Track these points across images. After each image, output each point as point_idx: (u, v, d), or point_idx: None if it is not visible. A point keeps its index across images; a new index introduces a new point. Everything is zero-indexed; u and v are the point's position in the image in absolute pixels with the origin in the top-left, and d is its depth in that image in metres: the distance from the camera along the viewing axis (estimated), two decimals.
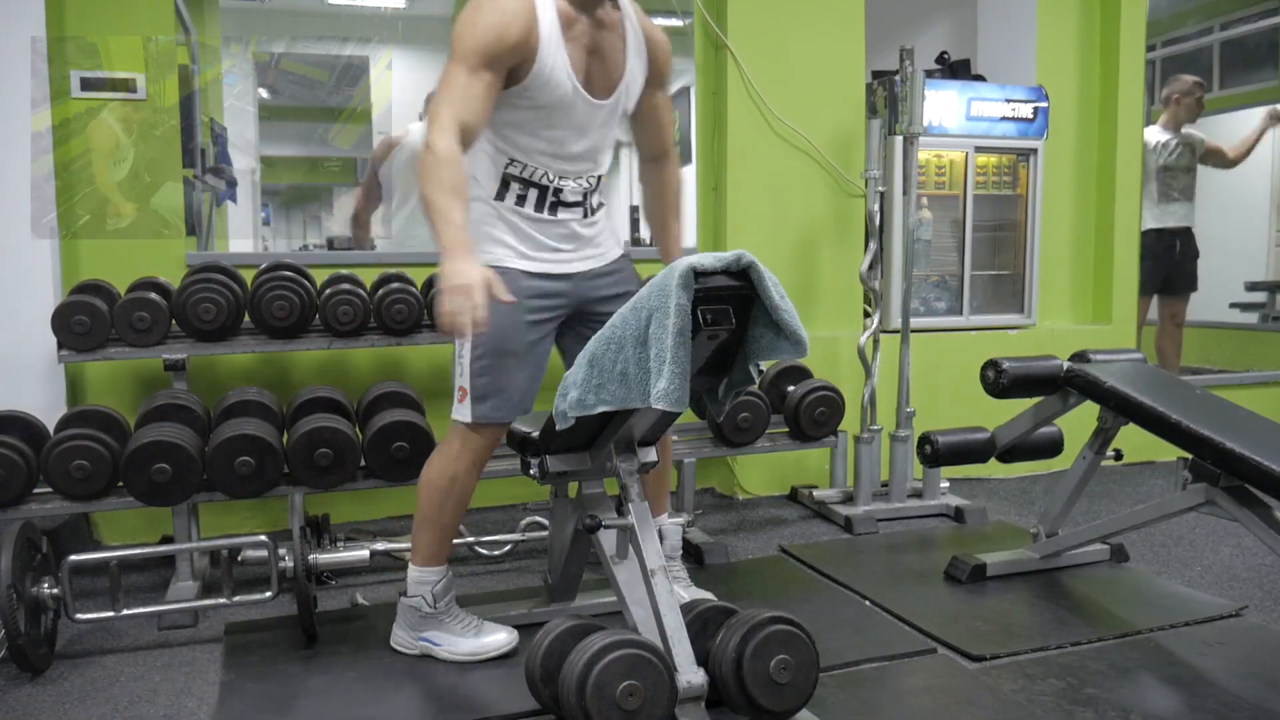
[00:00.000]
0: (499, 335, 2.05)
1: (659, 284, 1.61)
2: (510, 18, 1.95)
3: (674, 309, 1.56)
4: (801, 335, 1.68)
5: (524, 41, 1.97)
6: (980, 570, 2.69)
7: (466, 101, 1.92)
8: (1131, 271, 4.20)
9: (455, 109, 1.91)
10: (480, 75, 1.94)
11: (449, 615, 2.21)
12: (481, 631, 2.21)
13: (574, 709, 1.64)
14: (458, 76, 1.93)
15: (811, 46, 3.62)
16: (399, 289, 2.91)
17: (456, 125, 1.90)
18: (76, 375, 3.01)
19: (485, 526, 3.12)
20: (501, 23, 1.94)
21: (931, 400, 3.70)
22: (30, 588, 2.15)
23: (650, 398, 1.60)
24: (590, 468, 2.05)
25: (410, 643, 2.22)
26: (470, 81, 1.93)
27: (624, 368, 1.69)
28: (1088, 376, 2.49)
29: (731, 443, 2.97)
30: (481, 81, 1.94)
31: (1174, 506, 2.45)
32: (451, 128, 1.89)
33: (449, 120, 1.90)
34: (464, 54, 1.94)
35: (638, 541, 1.85)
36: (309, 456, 2.49)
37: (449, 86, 1.94)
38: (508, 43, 1.95)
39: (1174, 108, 4.54)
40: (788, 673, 1.75)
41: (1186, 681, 2.09)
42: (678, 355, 1.56)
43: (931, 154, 3.92)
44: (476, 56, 1.93)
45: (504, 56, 1.96)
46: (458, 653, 2.18)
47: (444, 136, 1.88)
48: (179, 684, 2.11)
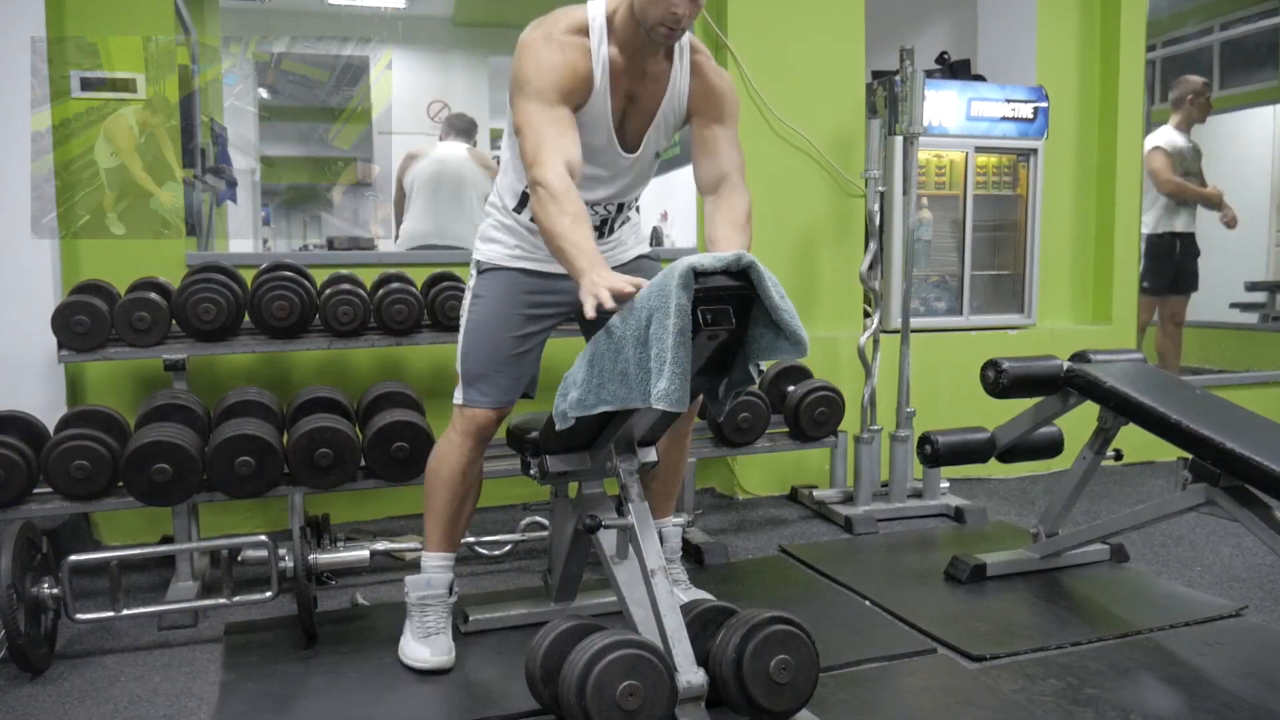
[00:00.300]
0: (492, 324, 2.11)
1: (659, 284, 1.61)
2: (576, 54, 1.96)
3: (674, 309, 1.56)
4: (802, 335, 1.67)
5: (588, 79, 1.98)
6: (980, 570, 2.69)
7: (559, 136, 1.90)
8: (1131, 271, 4.20)
9: (551, 144, 1.89)
10: (559, 109, 1.93)
11: (419, 610, 2.20)
12: (428, 638, 2.18)
13: (574, 709, 1.64)
14: (538, 115, 1.91)
15: (811, 46, 3.62)
16: (399, 289, 2.91)
17: (559, 158, 1.87)
18: (76, 375, 3.01)
19: (485, 526, 3.12)
20: (570, 60, 1.95)
21: (931, 400, 3.70)
22: (30, 588, 2.15)
23: (650, 398, 1.60)
24: (590, 468, 2.05)
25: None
26: (554, 116, 1.92)
27: (624, 368, 1.69)
28: (1088, 376, 2.49)
29: (731, 443, 2.97)
30: (563, 113, 1.93)
31: (1174, 506, 2.45)
32: (554, 160, 1.86)
33: (550, 154, 1.87)
34: (538, 91, 1.92)
35: (638, 541, 1.85)
36: (309, 456, 2.49)
37: (534, 127, 1.91)
38: (579, 77, 1.96)
39: (1187, 108, 4.53)
40: (788, 673, 1.75)
41: (1187, 682, 2.09)
42: (678, 356, 1.56)
43: (931, 154, 3.92)
44: (553, 92, 1.92)
45: (575, 93, 1.97)
46: (403, 649, 2.20)
47: (550, 169, 1.85)
48: (179, 684, 2.11)
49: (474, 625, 2.34)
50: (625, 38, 2.00)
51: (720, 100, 2.15)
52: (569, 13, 2.03)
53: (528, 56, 1.96)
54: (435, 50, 5.92)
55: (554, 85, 1.93)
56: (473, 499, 2.23)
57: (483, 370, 2.13)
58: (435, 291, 2.97)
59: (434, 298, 2.96)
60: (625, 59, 2.02)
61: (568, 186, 1.85)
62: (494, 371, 2.13)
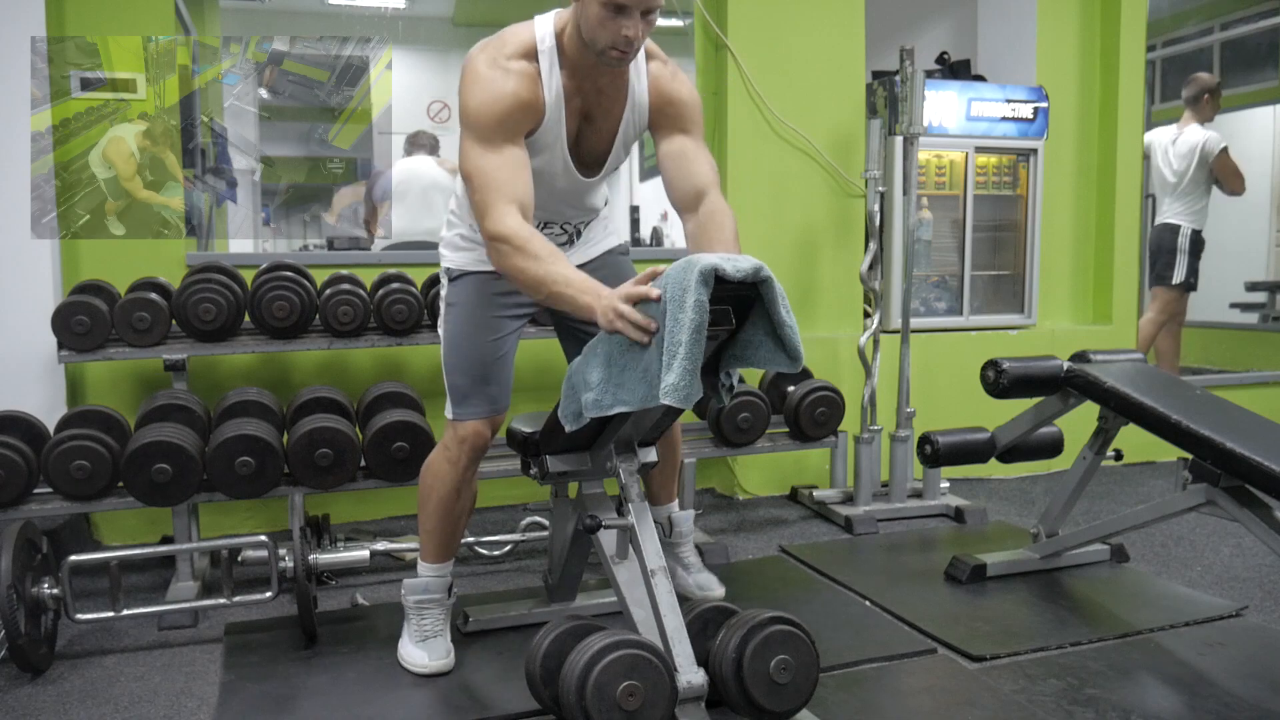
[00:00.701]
0: (468, 341, 2.10)
1: (676, 280, 1.60)
2: (524, 84, 1.90)
3: (692, 305, 1.55)
4: (801, 352, 1.67)
5: (538, 108, 1.93)
6: (980, 570, 2.69)
7: (508, 180, 1.86)
8: (1131, 271, 4.20)
9: (500, 192, 1.84)
10: (505, 151, 1.88)
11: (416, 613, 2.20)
12: (425, 641, 2.18)
13: (574, 709, 1.64)
14: (484, 160, 1.87)
15: (812, 46, 3.62)
16: (399, 289, 2.91)
17: (510, 206, 1.83)
18: (76, 375, 3.01)
19: (485, 526, 3.13)
20: (516, 91, 1.89)
21: (931, 400, 3.70)
22: (30, 588, 2.15)
23: (660, 392, 1.60)
24: (590, 468, 2.05)
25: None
26: (500, 160, 1.87)
27: (647, 364, 1.68)
28: (1088, 377, 2.49)
29: (731, 443, 2.97)
30: (509, 154, 1.88)
31: (1174, 507, 2.45)
32: (506, 210, 1.83)
33: (501, 205, 1.83)
34: (482, 132, 1.87)
35: (638, 541, 1.85)
36: (309, 456, 2.49)
37: (481, 174, 1.86)
38: (527, 108, 1.90)
39: (1204, 106, 4.52)
40: (788, 673, 1.74)
41: (1187, 682, 2.09)
42: (691, 351, 1.56)
43: (932, 154, 3.92)
44: (498, 131, 1.87)
45: (523, 124, 1.91)
46: (401, 652, 2.20)
47: (502, 221, 1.81)
48: (179, 684, 2.11)
49: (474, 625, 2.34)
50: (575, 59, 1.95)
51: (683, 108, 2.07)
52: (516, 33, 1.96)
53: (473, 87, 1.90)
54: (435, 50, 5.91)
55: (499, 123, 1.87)
56: (467, 514, 2.22)
57: (468, 383, 2.11)
58: (435, 291, 2.97)
59: (434, 298, 2.96)
60: (577, 81, 1.97)
61: (527, 232, 1.81)
62: (479, 382, 2.11)
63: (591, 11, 1.83)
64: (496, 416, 2.14)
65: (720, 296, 1.60)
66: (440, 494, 2.14)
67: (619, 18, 1.82)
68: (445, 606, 2.22)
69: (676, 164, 2.06)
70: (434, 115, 5.74)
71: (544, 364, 3.34)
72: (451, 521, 2.18)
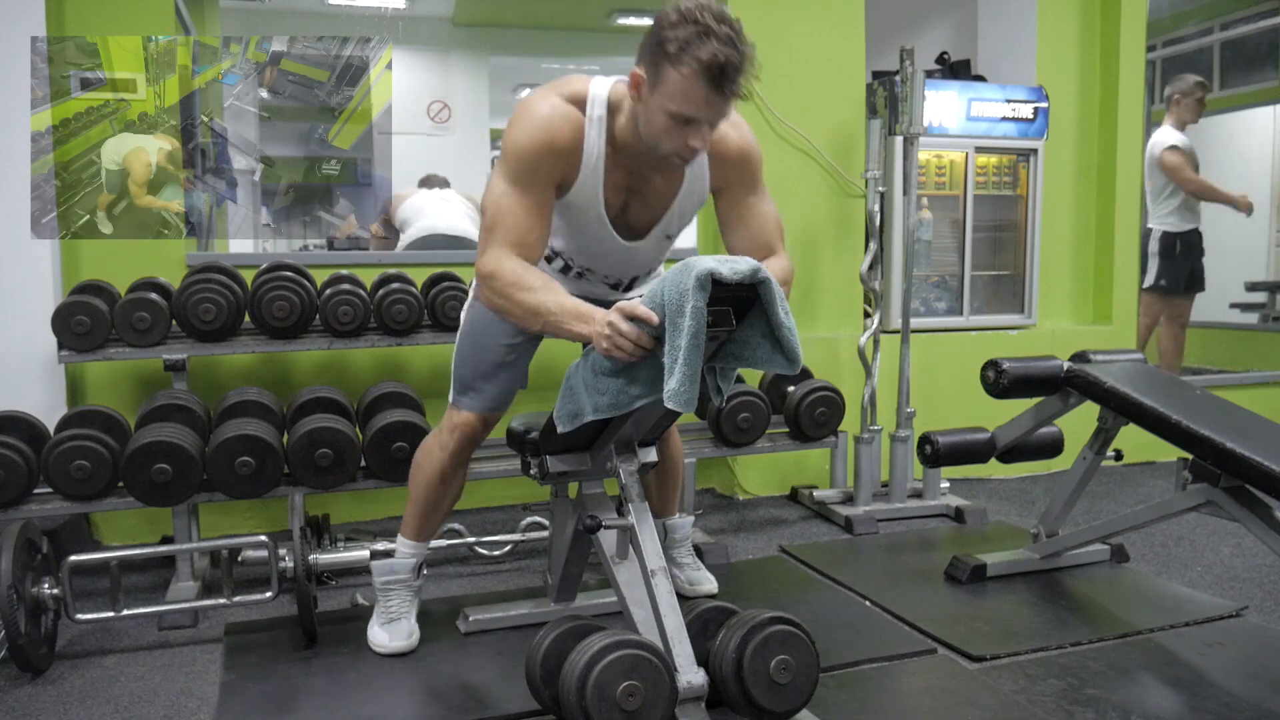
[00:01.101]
0: (479, 337, 2.11)
1: (674, 283, 1.60)
2: (554, 134, 1.84)
3: (690, 311, 1.55)
4: (799, 354, 1.67)
5: (568, 160, 1.87)
6: (980, 570, 2.69)
7: (514, 226, 1.83)
8: (1131, 271, 4.20)
9: (504, 234, 1.82)
10: (530, 195, 1.84)
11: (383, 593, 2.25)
12: (390, 624, 2.24)
13: (574, 709, 1.64)
14: (505, 199, 1.83)
15: (812, 46, 3.62)
16: (399, 289, 2.91)
17: (509, 249, 1.81)
18: (77, 375, 3.01)
19: (485, 526, 3.12)
20: (545, 139, 1.83)
21: (932, 400, 3.70)
22: (30, 588, 2.15)
23: (663, 397, 1.60)
24: (590, 468, 2.05)
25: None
26: (521, 202, 1.83)
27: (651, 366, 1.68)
28: (1088, 377, 2.49)
29: (731, 443, 2.97)
30: (533, 200, 1.84)
31: (1174, 507, 2.45)
32: (499, 252, 1.81)
33: (499, 245, 1.81)
34: (512, 166, 1.84)
35: (638, 542, 1.85)
36: (309, 457, 2.49)
37: (496, 208, 1.83)
38: (561, 156, 1.85)
39: (1176, 107, 4.53)
40: (788, 673, 1.74)
41: (1187, 682, 2.09)
42: (690, 357, 1.56)
43: (932, 154, 3.92)
44: (528, 176, 1.83)
45: (552, 172, 1.86)
46: (368, 634, 2.25)
47: (498, 260, 1.80)
48: (179, 684, 2.11)
49: (474, 625, 2.34)
50: (626, 144, 1.88)
51: (746, 165, 2.00)
52: (573, 82, 1.91)
53: (521, 120, 1.86)
54: (435, 50, 5.92)
55: (530, 164, 1.83)
56: (451, 499, 2.25)
57: (470, 376, 2.13)
58: (435, 292, 2.98)
59: (434, 298, 2.96)
60: (624, 162, 1.91)
61: (520, 269, 1.80)
62: (483, 378, 2.12)
63: (657, 120, 1.76)
64: (492, 414, 2.15)
65: (719, 298, 1.60)
66: (426, 472, 2.18)
67: (687, 128, 1.76)
68: (412, 589, 2.27)
69: (744, 221, 2.02)
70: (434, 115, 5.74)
71: (544, 364, 3.31)
72: (432, 503, 2.21)
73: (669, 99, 1.72)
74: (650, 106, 1.76)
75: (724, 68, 1.67)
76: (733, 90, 1.71)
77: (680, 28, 1.68)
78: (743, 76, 1.71)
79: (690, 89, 1.70)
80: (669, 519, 2.56)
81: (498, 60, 6.40)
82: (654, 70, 1.73)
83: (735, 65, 1.68)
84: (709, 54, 1.66)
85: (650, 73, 1.74)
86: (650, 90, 1.75)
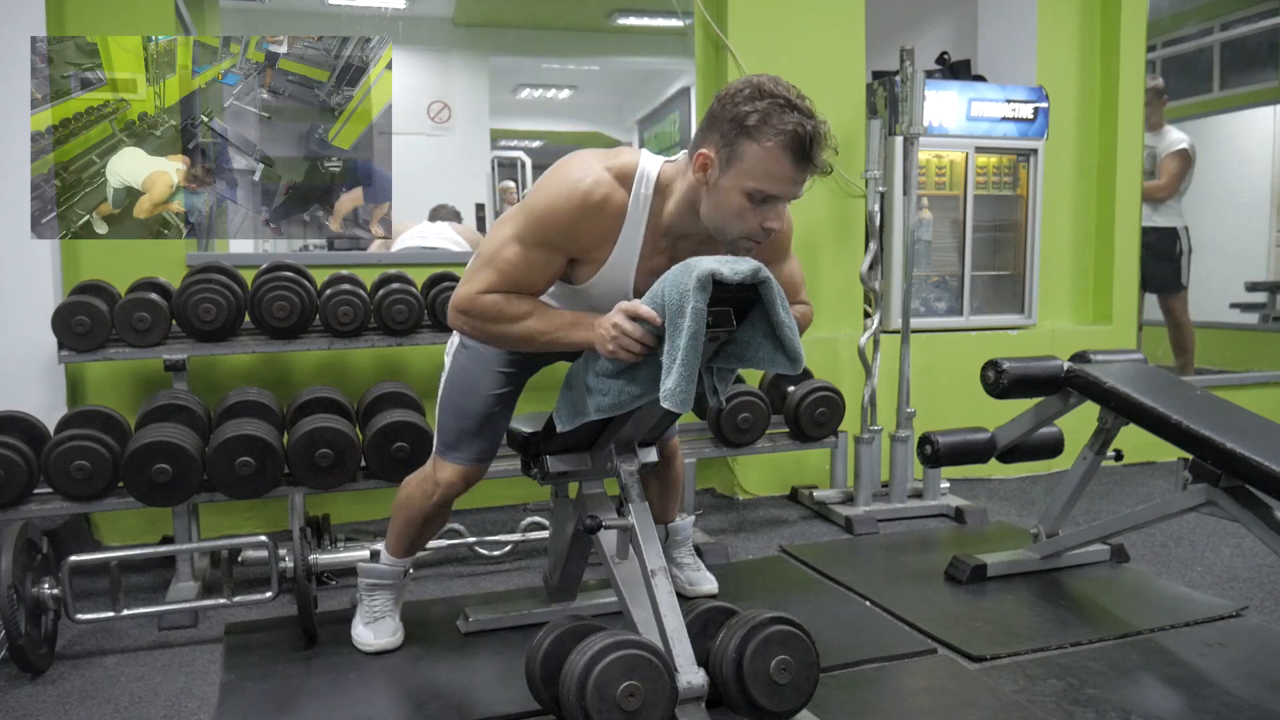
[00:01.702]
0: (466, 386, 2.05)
1: (674, 282, 1.60)
2: (589, 209, 1.71)
3: (690, 312, 1.55)
4: (800, 354, 1.67)
5: (596, 239, 1.75)
6: (980, 571, 2.68)
7: (512, 274, 1.75)
8: (1132, 271, 4.20)
9: (497, 277, 1.75)
10: (536, 251, 1.74)
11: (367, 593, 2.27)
12: (374, 623, 2.25)
13: (574, 709, 1.64)
14: (508, 247, 1.74)
15: (812, 47, 3.62)
16: (399, 289, 2.91)
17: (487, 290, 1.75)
18: (77, 376, 3.01)
19: (485, 526, 3.12)
20: (578, 213, 1.71)
21: (932, 400, 3.70)
22: (31, 588, 2.15)
23: (660, 397, 1.60)
24: (590, 468, 2.05)
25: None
26: (524, 256, 1.74)
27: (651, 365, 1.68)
28: (1088, 377, 2.49)
29: (731, 443, 2.97)
30: (536, 257, 1.75)
31: (1174, 507, 2.45)
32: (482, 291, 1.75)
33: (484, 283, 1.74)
34: (527, 228, 1.73)
35: (638, 542, 1.85)
36: (309, 457, 2.49)
37: (495, 255, 1.75)
38: (577, 233, 1.73)
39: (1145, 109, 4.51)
40: (788, 673, 1.74)
41: (1187, 682, 2.09)
42: (689, 358, 1.56)
43: (932, 154, 3.92)
44: (541, 235, 1.73)
45: (570, 245, 1.76)
46: (352, 632, 2.27)
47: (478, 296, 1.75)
48: (179, 684, 2.11)
49: (474, 625, 2.34)
50: (675, 227, 1.78)
51: (782, 239, 1.90)
52: (623, 152, 1.80)
53: (551, 187, 1.74)
54: (435, 50, 5.91)
55: (550, 235, 1.74)
56: (436, 529, 2.26)
57: (455, 430, 2.08)
58: (435, 292, 2.98)
59: (434, 298, 2.96)
60: (665, 245, 1.81)
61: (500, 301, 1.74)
62: (469, 435, 2.07)
63: (730, 201, 1.66)
64: (475, 468, 2.11)
65: (720, 298, 1.60)
66: (408, 515, 2.18)
67: (762, 208, 1.67)
68: (397, 589, 2.28)
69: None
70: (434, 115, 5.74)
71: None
72: (415, 534, 2.22)
73: (748, 176, 1.64)
74: (722, 187, 1.67)
75: (810, 139, 1.62)
76: (816, 162, 1.65)
77: (757, 101, 1.61)
78: (824, 149, 1.65)
79: (774, 163, 1.62)
80: (670, 524, 2.57)
81: (498, 60, 6.40)
82: (727, 148, 1.64)
83: (819, 136, 1.63)
84: (793, 125, 1.60)
85: (723, 151, 1.65)
86: (722, 169, 1.65)
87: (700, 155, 1.68)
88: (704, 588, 2.54)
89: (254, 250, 3.92)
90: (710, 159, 1.67)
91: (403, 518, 2.19)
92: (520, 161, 5.43)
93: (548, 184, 1.75)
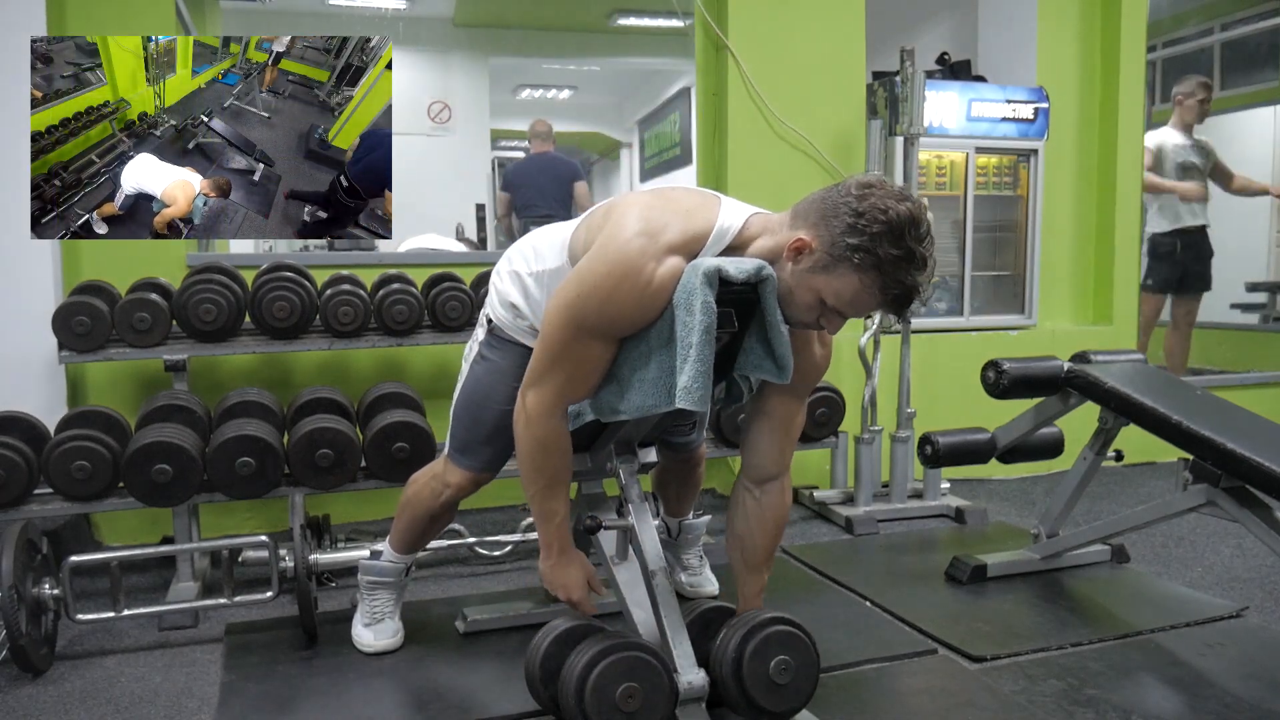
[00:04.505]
0: (481, 398, 2.04)
1: (682, 281, 1.61)
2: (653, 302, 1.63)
3: (700, 306, 1.56)
4: (789, 362, 1.67)
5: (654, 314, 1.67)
6: (981, 571, 2.68)
7: (578, 378, 1.71)
8: (1132, 271, 4.20)
9: (565, 387, 1.71)
10: (593, 344, 1.69)
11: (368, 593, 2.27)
12: (374, 624, 2.26)
13: (574, 710, 1.64)
14: (572, 347, 1.68)
15: (812, 47, 3.62)
16: (399, 289, 2.91)
17: (563, 403, 1.73)
18: (77, 376, 3.01)
19: (485, 526, 3.12)
20: (642, 308, 1.64)
21: (932, 401, 3.70)
22: (31, 588, 2.15)
23: (674, 397, 1.61)
24: (590, 468, 2.05)
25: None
26: (586, 353, 1.69)
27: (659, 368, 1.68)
28: (1088, 377, 2.49)
29: (732, 443, 2.97)
30: (594, 350, 1.69)
31: (1175, 507, 2.45)
32: (558, 405, 1.72)
33: (555, 396, 1.71)
34: (586, 322, 1.65)
35: (638, 542, 1.85)
36: (309, 457, 2.49)
37: (566, 350, 1.68)
38: (640, 322, 1.67)
39: (1179, 108, 4.54)
40: (788, 673, 1.75)
41: (1187, 682, 2.09)
42: (702, 353, 1.56)
43: (932, 155, 3.92)
44: (596, 330, 1.66)
45: (630, 330, 1.69)
46: (352, 633, 2.28)
47: (549, 417, 1.72)
48: (179, 684, 2.11)
49: (474, 625, 2.34)
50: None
51: (815, 374, 1.84)
52: (689, 216, 1.67)
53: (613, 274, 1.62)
54: (435, 50, 5.92)
55: (608, 326, 1.67)
56: (441, 528, 2.27)
57: (469, 438, 2.07)
58: (436, 292, 2.97)
59: (434, 298, 2.96)
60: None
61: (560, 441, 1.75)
62: (481, 441, 2.06)
63: (804, 295, 1.61)
64: (485, 474, 2.10)
65: (722, 299, 1.61)
66: (416, 512, 2.18)
67: (830, 314, 1.63)
68: (398, 588, 2.28)
69: (774, 433, 1.84)
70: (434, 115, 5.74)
71: None
72: (420, 532, 2.22)
73: (834, 295, 1.59)
74: (803, 279, 1.61)
75: (911, 295, 1.58)
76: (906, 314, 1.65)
77: (885, 241, 1.53)
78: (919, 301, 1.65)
79: (866, 301, 1.59)
80: (684, 519, 2.57)
81: (498, 61, 6.41)
82: (830, 256, 1.57)
83: (920, 293, 1.59)
84: (909, 286, 1.56)
85: (825, 254, 1.58)
86: (813, 269, 1.60)
87: (800, 241, 1.60)
88: (705, 590, 2.54)
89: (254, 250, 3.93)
90: (809, 250, 1.60)
91: (409, 514, 2.19)
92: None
93: (610, 273, 1.62)
